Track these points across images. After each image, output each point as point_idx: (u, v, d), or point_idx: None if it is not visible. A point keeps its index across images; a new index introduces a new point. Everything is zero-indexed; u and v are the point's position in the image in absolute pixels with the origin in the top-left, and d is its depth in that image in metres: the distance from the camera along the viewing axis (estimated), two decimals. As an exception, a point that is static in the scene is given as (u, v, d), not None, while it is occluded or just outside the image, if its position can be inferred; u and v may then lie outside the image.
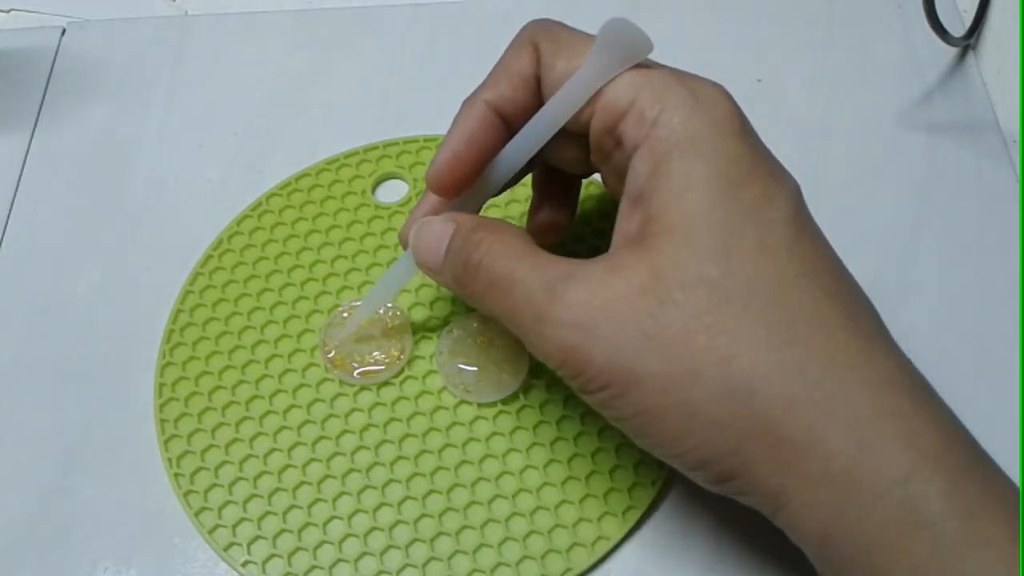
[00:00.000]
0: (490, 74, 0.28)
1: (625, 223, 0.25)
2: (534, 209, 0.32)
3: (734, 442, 0.23)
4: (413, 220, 0.30)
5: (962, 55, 0.40)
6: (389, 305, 0.33)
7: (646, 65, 0.26)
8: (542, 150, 0.28)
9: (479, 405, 0.32)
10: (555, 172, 0.30)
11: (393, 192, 0.37)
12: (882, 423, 0.22)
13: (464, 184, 0.28)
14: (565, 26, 0.27)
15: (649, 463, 0.30)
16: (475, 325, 0.33)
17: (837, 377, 0.22)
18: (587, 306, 0.23)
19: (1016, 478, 0.23)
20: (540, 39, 0.27)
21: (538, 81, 0.27)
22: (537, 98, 0.27)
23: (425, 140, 0.38)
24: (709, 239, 0.23)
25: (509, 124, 0.28)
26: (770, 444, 0.22)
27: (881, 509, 0.21)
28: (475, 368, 0.32)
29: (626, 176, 0.25)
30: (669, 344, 0.23)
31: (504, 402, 0.32)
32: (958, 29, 0.39)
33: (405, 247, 0.29)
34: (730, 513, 0.30)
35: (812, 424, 0.22)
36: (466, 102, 0.28)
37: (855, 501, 0.22)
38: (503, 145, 0.28)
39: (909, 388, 0.23)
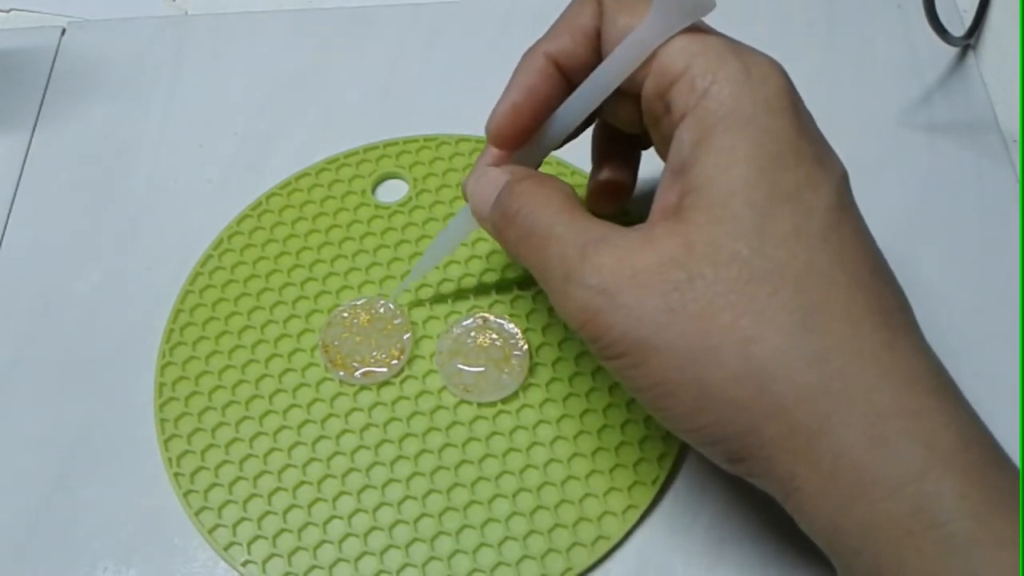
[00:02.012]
0: (552, 27, 0.28)
1: (666, 192, 0.25)
2: (595, 171, 0.31)
3: (748, 423, 0.22)
4: (475, 171, 0.29)
5: (962, 55, 0.40)
6: (391, 306, 0.33)
7: (705, 31, 0.25)
8: (600, 108, 0.27)
9: (479, 405, 0.32)
10: (614, 132, 0.30)
11: (393, 192, 0.37)
12: (899, 419, 0.22)
13: (523, 137, 0.28)
14: None
15: (649, 462, 0.30)
16: (475, 325, 0.33)
17: (858, 369, 0.22)
18: (615, 272, 0.23)
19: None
20: None
21: (599, 36, 0.27)
22: (597, 53, 0.27)
23: (425, 140, 0.38)
24: (745, 218, 0.23)
25: (569, 78, 0.27)
26: (784, 430, 0.22)
27: (892, 506, 0.21)
28: (475, 368, 0.32)
29: (671, 144, 0.25)
30: (692, 319, 0.22)
31: (504, 402, 0.32)
32: (958, 29, 0.39)
33: (467, 198, 0.29)
34: (731, 512, 0.30)
35: (828, 415, 0.22)
36: (526, 55, 0.28)
37: (865, 496, 0.22)
38: (562, 99, 0.27)
39: (931, 385, 0.23)
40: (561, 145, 0.29)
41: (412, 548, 0.29)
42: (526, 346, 0.32)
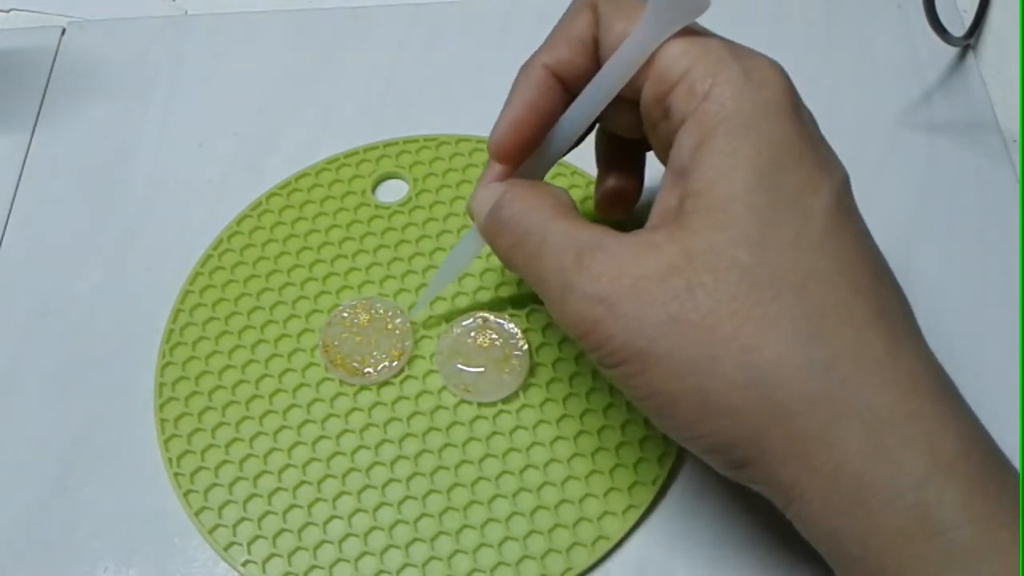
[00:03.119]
0: (548, 38, 0.28)
1: (666, 197, 0.25)
2: (601, 178, 0.31)
3: (750, 432, 0.22)
4: (478, 188, 0.29)
5: (962, 55, 0.40)
6: (391, 307, 0.33)
7: (704, 34, 0.25)
8: (600, 116, 0.27)
9: (479, 405, 0.32)
10: (617, 139, 0.30)
11: (393, 192, 0.37)
12: (901, 426, 0.22)
13: (526, 151, 0.28)
14: None
15: (649, 462, 0.30)
16: (475, 325, 0.33)
17: (861, 376, 0.22)
18: (614, 281, 0.23)
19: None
20: (599, 1, 0.26)
21: (596, 44, 0.27)
22: (595, 61, 0.27)
23: (425, 140, 0.38)
24: (746, 224, 0.23)
25: (568, 88, 0.27)
26: (786, 438, 0.22)
27: (893, 513, 0.21)
28: (475, 368, 0.32)
29: (671, 149, 0.25)
30: (692, 328, 0.22)
31: (504, 402, 0.32)
32: (958, 29, 0.39)
33: (472, 218, 0.29)
34: (732, 512, 0.30)
35: (830, 423, 0.22)
36: (524, 67, 0.27)
37: (867, 504, 0.21)
38: (563, 109, 0.27)
39: (933, 390, 0.22)
40: (565, 154, 0.29)
41: (412, 548, 0.29)
42: (526, 346, 0.32)
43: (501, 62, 0.40)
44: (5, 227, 0.37)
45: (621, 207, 0.31)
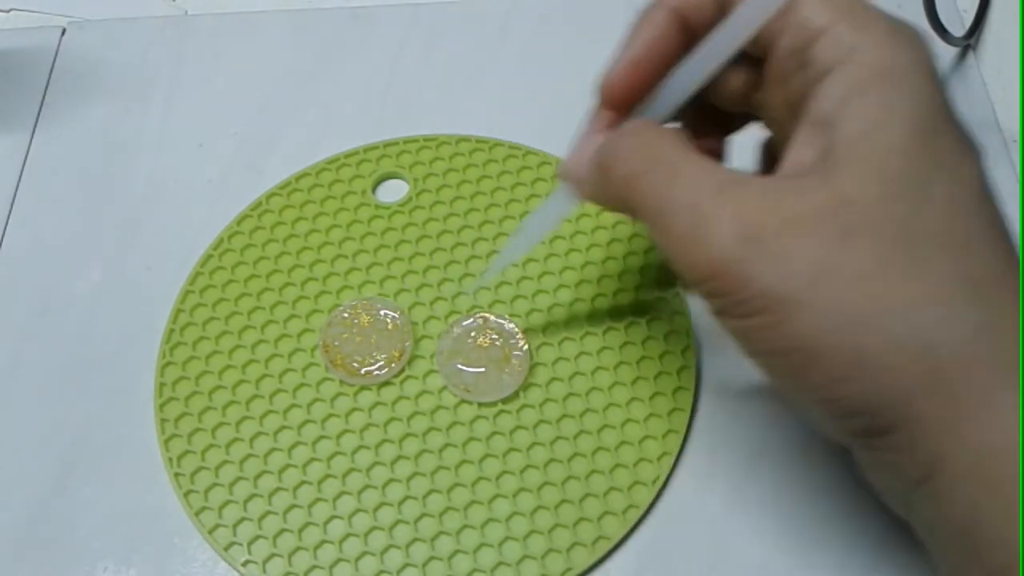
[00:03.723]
0: None
1: (800, 150, 0.23)
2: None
3: (903, 392, 0.21)
4: (579, 140, 0.27)
5: (962, 55, 0.40)
6: (392, 307, 0.33)
7: None
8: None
9: (479, 405, 0.32)
10: (706, 117, 0.28)
11: (393, 192, 0.37)
12: None
13: (638, 95, 0.26)
14: None
15: (649, 462, 0.30)
16: (475, 325, 0.33)
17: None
18: (762, 219, 0.21)
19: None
20: None
21: None
22: (721, 9, 0.25)
23: (425, 140, 0.38)
24: (904, 178, 0.21)
25: (691, 35, 0.25)
26: (941, 403, 0.21)
27: None
28: (475, 368, 0.32)
29: (807, 101, 0.23)
30: (849, 279, 0.21)
31: (504, 402, 0.32)
32: (958, 29, 0.39)
33: (563, 179, 0.27)
34: (731, 512, 0.30)
35: (992, 389, 0.20)
36: (647, 9, 0.26)
37: (1017, 481, 0.20)
38: (679, 59, 0.25)
39: None
40: (671, 120, 0.26)
41: (412, 548, 0.29)
42: (526, 346, 0.32)
43: (501, 62, 0.41)
44: (5, 227, 0.37)
45: None
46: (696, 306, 0.33)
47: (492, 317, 0.33)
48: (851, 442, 0.23)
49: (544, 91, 0.39)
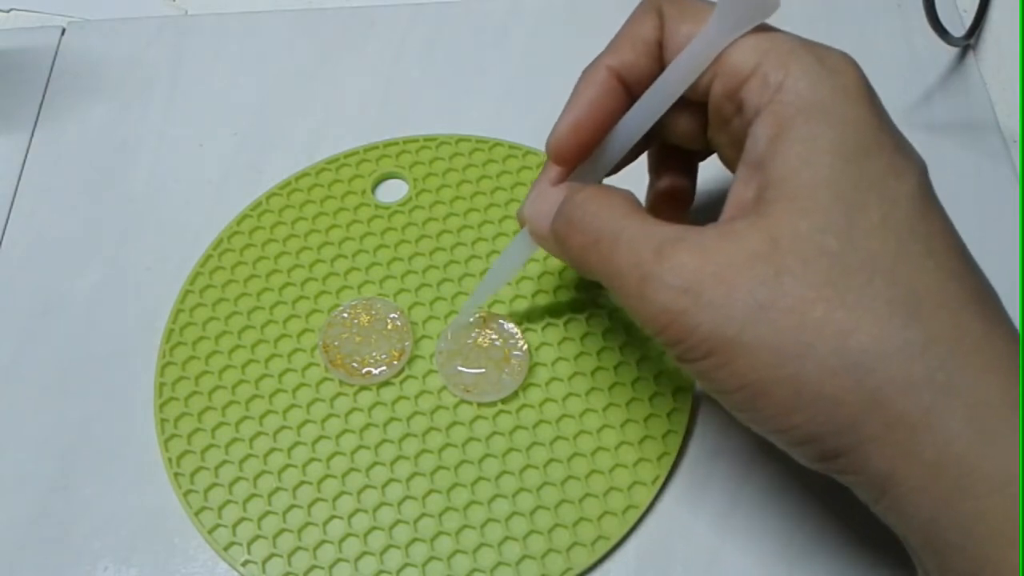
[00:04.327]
0: (612, 41, 0.27)
1: (740, 190, 0.24)
2: (654, 181, 0.31)
3: (845, 419, 0.22)
4: (532, 194, 0.29)
5: (962, 55, 0.40)
6: (391, 307, 0.33)
7: (769, 29, 0.25)
8: (658, 123, 0.27)
9: (479, 405, 0.32)
10: (671, 151, 0.30)
11: (393, 192, 0.37)
12: (1007, 410, 0.21)
13: (584, 152, 0.27)
14: None
15: (649, 462, 0.30)
16: (475, 325, 0.33)
17: (961, 359, 0.21)
18: (697, 271, 0.23)
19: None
20: (664, 4, 0.26)
21: (660, 47, 0.26)
22: (659, 64, 0.27)
23: (425, 140, 0.38)
24: (831, 209, 0.22)
25: (630, 91, 0.27)
26: (884, 424, 0.21)
27: (1000, 500, 0.20)
28: (475, 368, 0.32)
29: (745, 143, 0.24)
30: (783, 315, 0.22)
31: (504, 402, 0.32)
32: (958, 29, 0.39)
33: (522, 225, 0.29)
34: (730, 512, 0.30)
35: (932, 406, 0.21)
36: (587, 69, 0.27)
37: (971, 490, 0.21)
38: (623, 113, 0.27)
39: None
40: (618, 169, 0.29)
41: (412, 548, 0.29)
42: (526, 346, 0.32)
43: (501, 62, 0.41)
44: (5, 227, 0.37)
45: (676, 208, 0.31)
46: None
47: (492, 317, 0.33)
48: (816, 468, 0.24)
49: (544, 91, 0.39)
